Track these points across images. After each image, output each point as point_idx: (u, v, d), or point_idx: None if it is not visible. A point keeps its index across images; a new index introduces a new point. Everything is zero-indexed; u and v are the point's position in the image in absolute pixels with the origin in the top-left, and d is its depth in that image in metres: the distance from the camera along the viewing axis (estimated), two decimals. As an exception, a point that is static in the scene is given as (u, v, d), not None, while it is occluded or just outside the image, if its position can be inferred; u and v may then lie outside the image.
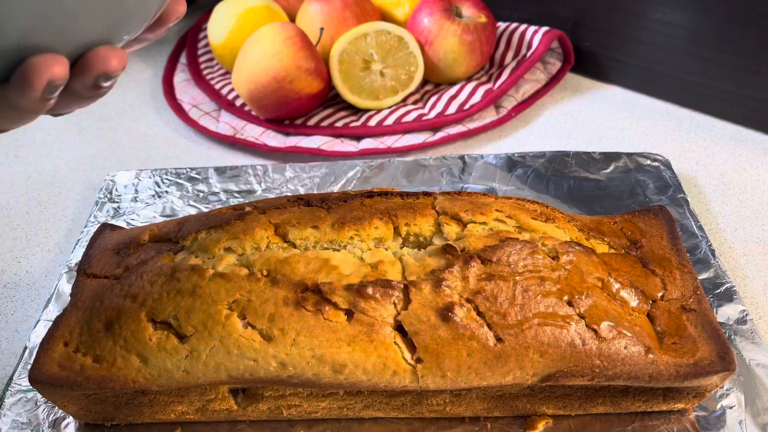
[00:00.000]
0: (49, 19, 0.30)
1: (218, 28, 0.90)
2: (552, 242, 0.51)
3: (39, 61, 0.30)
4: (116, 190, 0.75)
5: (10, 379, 0.55)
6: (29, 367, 0.49)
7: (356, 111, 0.87)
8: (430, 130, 0.84)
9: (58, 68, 0.31)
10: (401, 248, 0.52)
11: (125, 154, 0.86)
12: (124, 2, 0.32)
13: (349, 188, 0.74)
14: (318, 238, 0.51)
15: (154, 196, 0.74)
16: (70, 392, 0.48)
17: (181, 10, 0.36)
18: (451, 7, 0.86)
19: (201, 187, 0.75)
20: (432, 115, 0.84)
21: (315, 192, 0.70)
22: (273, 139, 0.83)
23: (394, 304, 0.47)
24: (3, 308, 0.65)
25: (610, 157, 0.75)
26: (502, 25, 0.93)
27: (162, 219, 0.71)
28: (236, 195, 0.74)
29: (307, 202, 0.56)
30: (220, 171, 0.77)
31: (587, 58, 0.92)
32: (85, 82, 0.33)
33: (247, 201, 0.65)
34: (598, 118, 0.86)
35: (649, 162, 0.74)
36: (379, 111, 0.85)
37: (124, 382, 0.47)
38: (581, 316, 0.47)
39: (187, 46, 1.03)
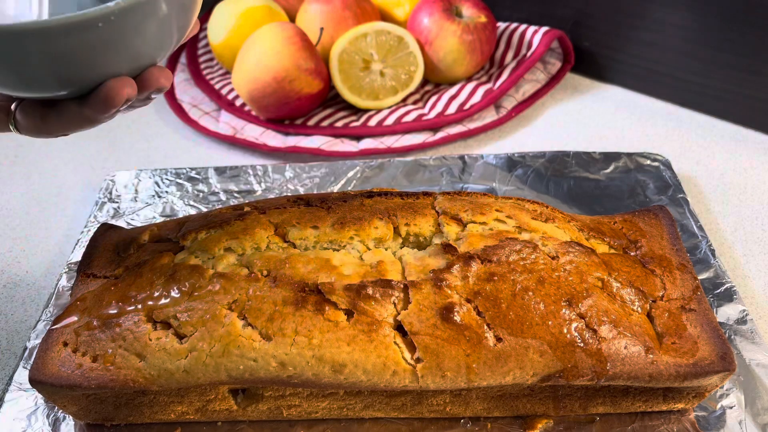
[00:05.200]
0: (138, 64, 0.40)
1: (218, 28, 0.90)
2: (552, 242, 0.51)
3: (116, 84, 0.38)
4: (116, 190, 0.75)
5: (10, 378, 0.55)
6: (29, 367, 0.49)
7: (356, 111, 0.87)
8: (430, 130, 0.84)
9: (130, 89, 0.39)
10: (401, 248, 0.52)
11: (125, 154, 0.86)
12: (173, 36, 0.41)
13: (349, 188, 0.74)
14: (318, 238, 0.51)
15: (154, 196, 0.74)
16: (70, 392, 0.48)
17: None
18: (451, 7, 0.86)
19: (201, 187, 0.75)
20: (432, 115, 0.84)
21: (315, 192, 0.70)
22: (273, 139, 0.83)
23: (394, 304, 0.47)
24: (3, 308, 0.65)
25: (610, 157, 0.75)
26: (502, 25, 0.93)
27: (162, 219, 0.71)
28: (236, 195, 0.74)
29: (307, 202, 0.56)
30: (220, 171, 0.77)
31: (587, 58, 0.92)
32: (141, 96, 0.41)
33: (247, 201, 0.65)
34: (598, 118, 0.86)
35: (649, 162, 0.74)
36: (379, 111, 0.85)
37: (124, 382, 0.47)
38: (581, 316, 0.47)
39: (187, 46, 1.03)
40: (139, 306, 0.48)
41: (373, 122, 0.83)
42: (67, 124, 0.41)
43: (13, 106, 0.43)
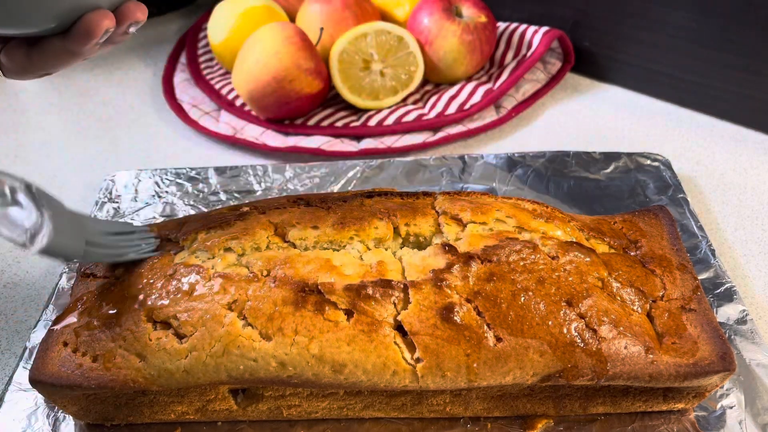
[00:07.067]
0: None
1: (218, 27, 0.90)
2: (552, 242, 0.51)
3: (96, 16, 0.41)
4: (116, 190, 0.75)
5: (10, 379, 0.55)
6: (29, 367, 0.49)
7: (356, 111, 0.87)
8: (430, 130, 0.84)
9: (109, 21, 0.42)
10: (401, 248, 0.52)
11: (125, 154, 0.86)
12: None
13: (349, 188, 0.74)
14: (318, 238, 0.51)
15: (154, 196, 0.74)
16: (70, 392, 0.48)
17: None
18: (451, 7, 0.86)
19: (201, 187, 0.75)
20: (432, 115, 0.84)
21: (315, 192, 0.70)
22: (273, 139, 0.83)
23: (394, 304, 0.47)
24: (3, 308, 0.65)
25: (610, 157, 0.75)
26: (502, 25, 0.93)
27: (162, 219, 0.71)
28: (236, 195, 0.74)
29: (307, 202, 0.56)
30: (220, 171, 0.77)
31: (587, 58, 0.92)
32: (119, 30, 0.44)
33: (247, 201, 0.65)
34: (598, 118, 0.86)
35: (649, 162, 0.74)
36: (379, 111, 0.85)
37: (124, 382, 0.47)
38: (581, 316, 0.47)
39: (187, 46, 1.03)
40: (139, 306, 0.48)
41: (373, 122, 0.83)
42: (52, 61, 0.44)
43: None
